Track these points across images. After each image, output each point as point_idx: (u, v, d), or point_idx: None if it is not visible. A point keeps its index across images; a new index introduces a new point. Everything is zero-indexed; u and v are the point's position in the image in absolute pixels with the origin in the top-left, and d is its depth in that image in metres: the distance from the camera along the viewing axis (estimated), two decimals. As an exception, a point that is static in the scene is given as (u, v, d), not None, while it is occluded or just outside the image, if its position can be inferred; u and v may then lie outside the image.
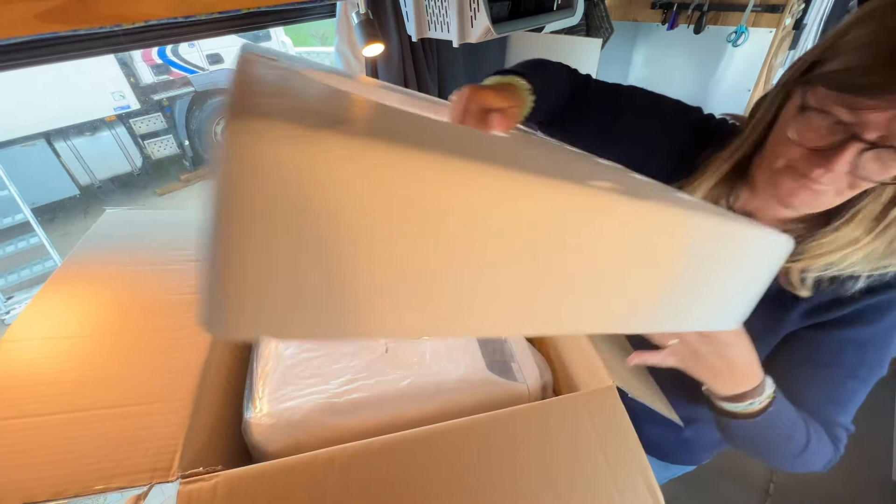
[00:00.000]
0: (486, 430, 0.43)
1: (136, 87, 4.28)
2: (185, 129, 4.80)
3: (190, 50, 4.53)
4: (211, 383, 0.49)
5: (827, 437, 0.51)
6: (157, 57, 4.38)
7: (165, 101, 4.59)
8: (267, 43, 4.99)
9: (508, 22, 0.84)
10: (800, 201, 0.44)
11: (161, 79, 4.47)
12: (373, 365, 0.52)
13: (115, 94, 4.14)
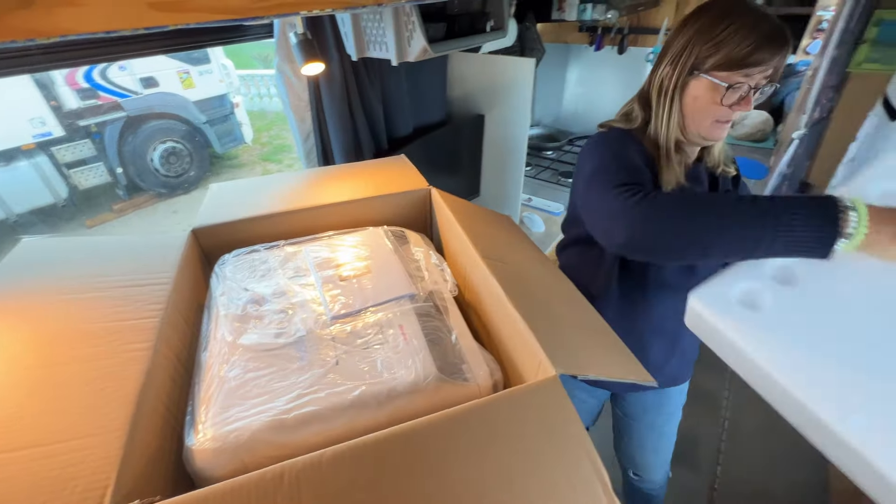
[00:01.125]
0: (435, 431, 0.44)
1: (59, 112, 3.98)
2: (118, 155, 4.50)
3: (120, 73, 4.29)
4: (148, 412, 0.47)
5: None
6: (83, 80, 4.10)
7: (94, 126, 4.29)
8: (207, 66, 4.84)
9: (444, 42, 0.88)
10: (723, 136, 0.73)
11: (88, 103, 4.19)
12: (323, 378, 0.52)
13: (34, 120, 3.82)
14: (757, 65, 0.64)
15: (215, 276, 0.68)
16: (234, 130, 5.32)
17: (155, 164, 4.74)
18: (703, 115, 0.71)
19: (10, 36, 0.31)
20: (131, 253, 0.67)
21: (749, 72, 0.65)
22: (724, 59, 0.65)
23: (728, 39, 0.64)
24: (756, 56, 0.64)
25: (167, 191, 4.90)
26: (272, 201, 0.83)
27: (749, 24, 0.64)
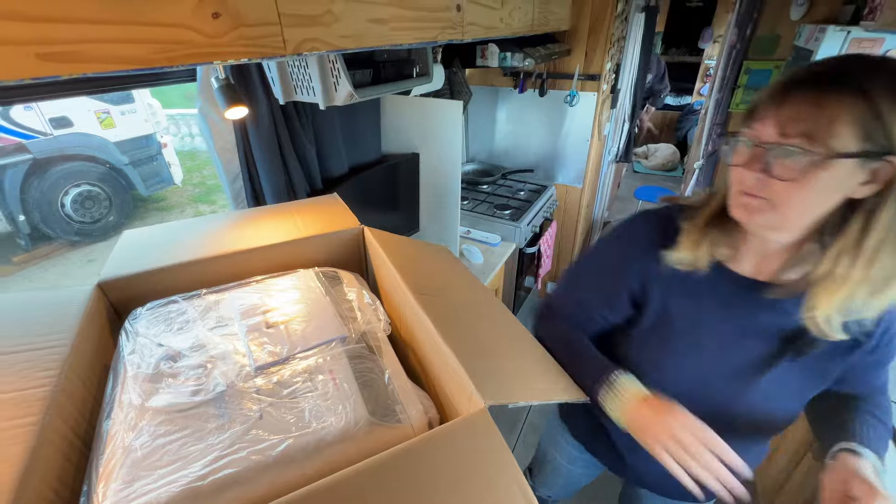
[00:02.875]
0: (364, 479, 0.42)
1: (-55, 156, 3.54)
2: (20, 202, 4.04)
3: (26, 113, 3.93)
4: (32, 499, 0.41)
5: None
6: (-21, 121, 3.70)
7: (-10, 171, 3.85)
8: (130, 105, 4.58)
9: (371, 87, 0.92)
10: (746, 213, 0.53)
11: (-17, 146, 3.77)
12: (244, 436, 0.48)
13: (-87, 165, 3.36)
14: (758, 114, 0.51)
15: (125, 333, 0.62)
16: (161, 171, 5.00)
17: (67, 209, 4.31)
18: (730, 182, 0.56)
19: None
20: (19, 314, 0.60)
21: (751, 123, 0.52)
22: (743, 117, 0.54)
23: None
24: (761, 107, 0.51)
25: (81, 238, 4.45)
26: (194, 247, 0.78)
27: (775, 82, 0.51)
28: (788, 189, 0.48)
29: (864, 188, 0.47)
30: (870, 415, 0.64)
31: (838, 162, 0.46)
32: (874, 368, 0.64)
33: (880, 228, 0.47)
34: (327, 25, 0.63)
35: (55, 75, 0.37)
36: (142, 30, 0.42)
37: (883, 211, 0.47)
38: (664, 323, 0.66)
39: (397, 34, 0.78)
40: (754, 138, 0.51)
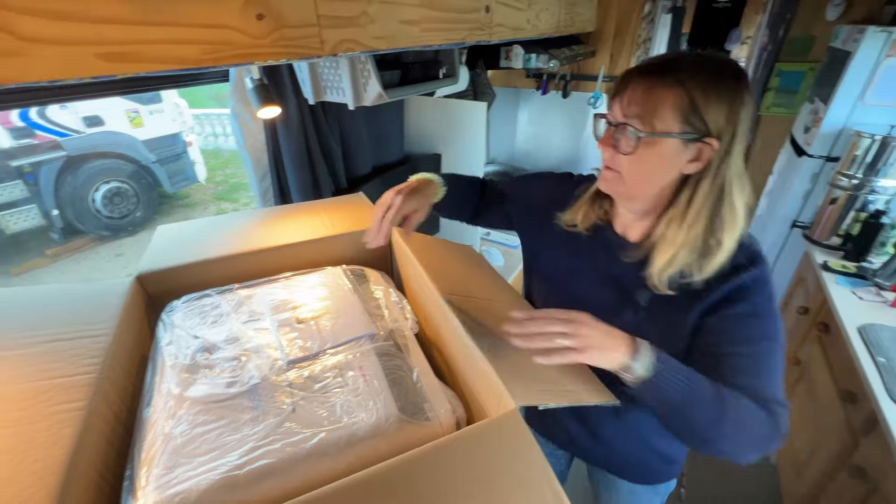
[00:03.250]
0: (399, 473, 0.43)
1: (-14, 152, 3.71)
2: (54, 197, 4.21)
3: (61, 112, 4.09)
4: (79, 481, 0.42)
5: (766, 414, 0.55)
6: (18, 119, 3.87)
7: (27, 167, 4.01)
8: (158, 105, 4.72)
9: (399, 88, 0.93)
10: (606, 185, 0.62)
11: (22, 143, 3.93)
12: (278, 428, 0.49)
13: (-43, 161, 3.53)
14: (613, 97, 0.59)
15: (162, 325, 0.64)
16: (186, 170, 5.14)
17: (97, 205, 4.47)
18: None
19: (-57, 86, 0.30)
20: (66, 303, 0.63)
21: (610, 104, 0.60)
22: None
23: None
24: (615, 88, 0.59)
25: (110, 233, 4.61)
26: (224, 243, 0.80)
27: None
28: (630, 162, 0.57)
29: (691, 165, 0.55)
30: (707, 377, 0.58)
31: (664, 140, 0.54)
32: (732, 356, 0.59)
33: (701, 199, 0.56)
34: (362, 27, 0.64)
35: (112, 74, 0.39)
36: (192, 31, 0.43)
37: (704, 186, 0.55)
38: (535, 264, 0.81)
39: (428, 35, 0.79)
40: (610, 118, 0.59)
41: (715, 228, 0.56)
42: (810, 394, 1.39)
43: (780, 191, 1.87)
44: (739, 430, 0.54)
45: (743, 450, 0.55)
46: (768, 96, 2.03)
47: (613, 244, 0.68)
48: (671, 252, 0.58)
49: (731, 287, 0.58)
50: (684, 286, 0.59)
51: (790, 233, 1.80)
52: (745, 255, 0.58)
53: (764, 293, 0.58)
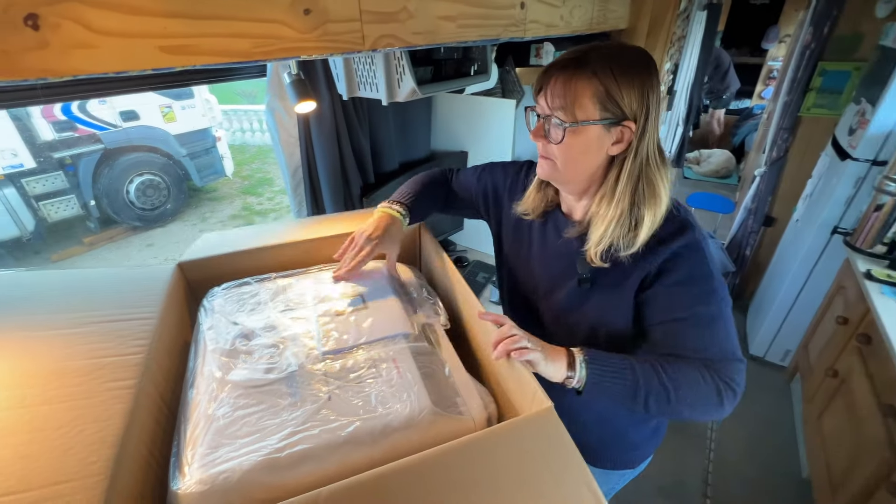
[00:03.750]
0: (434, 465, 0.43)
1: (32, 144, 3.89)
2: (91, 188, 4.40)
3: (100, 106, 4.27)
4: (130, 455, 0.44)
5: (710, 377, 0.59)
6: (61, 113, 4.05)
7: (68, 159, 4.20)
8: (190, 100, 4.87)
9: (432, 84, 0.93)
10: (542, 172, 0.66)
11: (64, 136, 4.12)
12: (315, 414, 0.51)
13: (6, 151, 3.73)
14: (537, 92, 0.64)
15: (203, 310, 0.66)
16: (215, 164, 5.29)
17: (131, 196, 4.65)
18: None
19: (25, 75, 0.32)
20: (113, 286, 0.66)
21: (536, 98, 0.64)
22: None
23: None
24: (538, 83, 0.63)
25: (142, 224, 4.79)
26: (264, 236, 0.83)
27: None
28: (560, 150, 0.62)
29: (615, 147, 0.60)
30: (647, 362, 0.60)
31: (587, 127, 0.59)
32: (674, 324, 0.62)
33: (626, 176, 0.60)
34: (402, 22, 0.65)
35: (171, 66, 0.40)
36: (246, 25, 0.45)
37: (627, 164, 0.60)
38: (500, 247, 0.86)
39: (464, 31, 0.79)
40: (539, 111, 0.64)
41: (638, 203, 0.61)
42: (848, 408, 1.34)
43: (820, 195, 1.79)
44: (693, 398, 0.58)
45: (701, 412, 0.59)
46: (810, 97, 1.95)
47: (560, 223, 0.72)
48: (603, 227, 0.62)
49: (661, 258, 0.61)
50: (617, 259, 0.62)
51: (830, 239, 1.72)
52: (673, 226, 0.61)
53: (695, 259, 0.61)
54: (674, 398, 0.57)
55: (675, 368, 0.58)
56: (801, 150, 2.10)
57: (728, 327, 0.61)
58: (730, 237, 2.48)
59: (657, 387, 0.57)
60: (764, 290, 2.28)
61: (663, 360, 0.59)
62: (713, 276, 0.61)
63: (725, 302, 0.61)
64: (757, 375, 2.09)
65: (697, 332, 0.60)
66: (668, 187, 0.62)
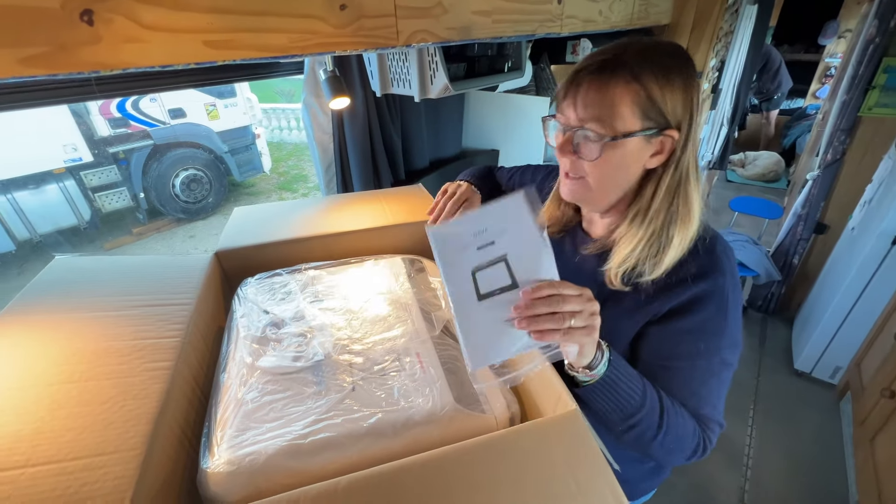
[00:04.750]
0: (455, 461, 0.43)
1: (90, 139, 4.18)
2: (142, 181, 4.68)
3: (151, 104, 4.53)
4: (165, 432, 0.47)
5: (697, 434, 0.55)
6: (116, 111, 4.33)
7: (122, 153, 4.49)
8: (233, 99, 5.08)
9: (465, 80, 0.93)
10: (568, 193, 0.59)
11: (118, 132, 4.40)
12: (339, 404, 0.51)
13: (68, 146, 4.02)
14: (561, 99, 0.56)
15: (237, 298, 0.69)
16: (254, 160, 5.51)
17: (176, 189, 4.91)
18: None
19: (80, 68, 0.34)
20: (156, 273, 0.69)
21: (559, 108, 0.56)
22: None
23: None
24: (563, 89, 0.55)
25: (185, 216, 5.04)
26: (293, 226, 0.85)
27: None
28: (595, 167, 0.54)
29: (654, 159, 0.54)
30: (658, 395, 0.54)
31: (626, 140, 0.51)
32: (670, 370, 0.56)
33: (663, 191, 0.54)
34: (436, 17, 0.64)
35: (213, 61, 0.42)
36: (284, 21, 0.46)
37: (667, 177, 0.54)
38: None
39: (499, 26, 0.78)
40: (565, 123, 0.55)
41: (670, 222, 0.54)
42: (905, 432, 1.23)
43: (881, 202, 1.66)
44: (673, 440, 0.53)
45: (672, 458, 0.55)
46: (872, 95, 1.81)
47: (578, 239, 0.67)
48: (630, 248, 0.55)
49: (680, 299, 0.54)
50: (637, 284, 0.56)
51: (890, 249, 1.59)
52: (704, 262, 0.55)
53: (715, 307, 0.54)
54: (658, 441, 0.53)
55: (676, 413, 0.54)
56: (860, 153, 1.95)
57: (722, 389, 0.57)
58: (776, 244, 2.34)
59: (652, 423, 0.52)
60: (813, 301, 2.14)
61: (666, 397, 0.54)
62: (728, 331, 0.55)
63: (728, 365, 0.56)
64: (802, 392, 1.97)
65: (693, 387, 0.56)
66: (701, 204, 0.56)
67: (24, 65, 0.31)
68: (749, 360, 2.15)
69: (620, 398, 0.52)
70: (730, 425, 1.78)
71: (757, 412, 1.88)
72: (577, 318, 0.44)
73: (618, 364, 0.52)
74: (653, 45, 0.52)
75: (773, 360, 2.15)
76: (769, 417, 1.86)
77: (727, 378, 0.57)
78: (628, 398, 0.52)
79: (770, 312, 2.41)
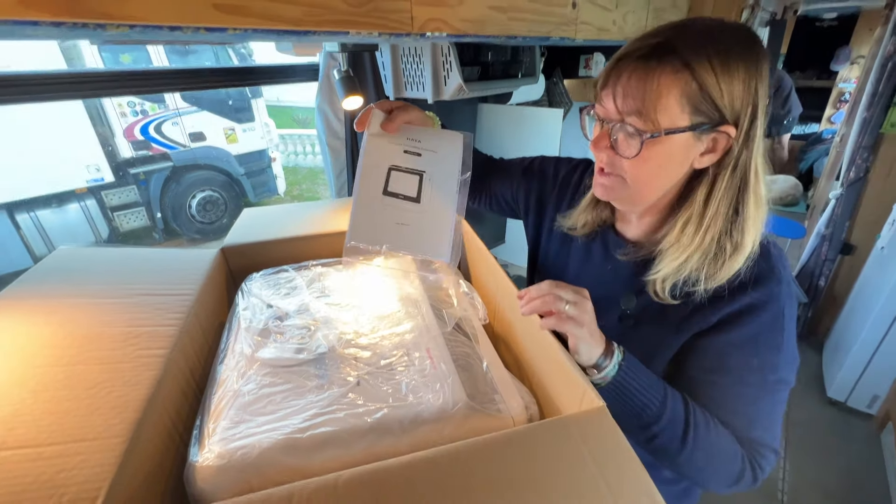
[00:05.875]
0: (469, 458, 0.38)
1: (113, 160, 4.33)
2: (160, 201, 4.79)
3: (173, 128, 4.69)
4: (153, 421, 0.43)
5: (742, 458, 0.49)
6: (140, 134, 4.49)
7: (142, 174, 4.62)
8: (251, 123, 5.24)
9: (478, 82, 0.92)
10: (602, 191, 0.54)
11: (140, 154, 4.55)
12: (342, 398, 0.47)
13: (91, 167, 4.15)
14: (601, 88, 0.50)
15: (241, 293, 0.66)
16: (269, 182, 5.63)
17: (192, 210, 5.01)
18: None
19: (85, 16, 0.33)
20: (160, 265, 0.67)
21: (598, 97, 0.51)
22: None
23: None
24: (602, 79, 0.50)
25: (200, 237, 5.12)
26: (302, 225, 0.83)
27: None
28: (634, 165, 0.49)
29: (705, 158, 0.48)
30: (682, 403, 0.49)
31: (672, 137, 0.46)
32: (714, 385, 0.51)
33: (720, 196, 0.48)
34: (452, 7, 0.64)
35: (222, 26, 0.41)
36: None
37: (723, 179, 0.48)
38: (539, 253, 0.76)
39: (514, 24, 0.78)
40: (603, 115, 0.50)
41: (732, 228, 0.48)
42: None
43: (910, 218, 1.59)
44: (703, 458, 0.48)
45: (708, 479, 0.50)
46: (893, 112, 1.77)
47: (610, 243, 0.61)
48: (682, 258, 0.49)
49: (732, 308, 0.49)
50: (685, 296, 0.51)
51: (924, 268, 1.51)
52: (760, 268, 0.49)
53: (770, 318, 0.49)
54: (684, 456, 0.48)
55: (710, 430, 0.48)
56: (885, 171, 1.90)
57: (777, 411, 0.51)
58: (800, 265, 2.26)
59: (674, 436, 0.48)
60: (843, 325, 2.03)
61: (699, 415, 0.49)
62: (782, 347, 0.50)
63: (785, 384, 0.50)
64: (838, 423, 1.83)
65: (737, 406, 0.50)
66: (766, 209, 0.50)
67: (26, 5, 0.30)
68: (777, 386, 2.02)
69: (635, 405, 0.47)
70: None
71: (790, 443, 1.76)
72: (570, 306, 0.46)
73: (632, 368, 0.48)
74: (716, 25, 0.46)
75: (804, 388, 2.02)
76: (803, 449, 1.73)
77: (783, 398, 0.51)
78: (644, 406, 0.47)
79: (798, 337, 2.29)
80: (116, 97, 4.12)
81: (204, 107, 4.81)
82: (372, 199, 0.53)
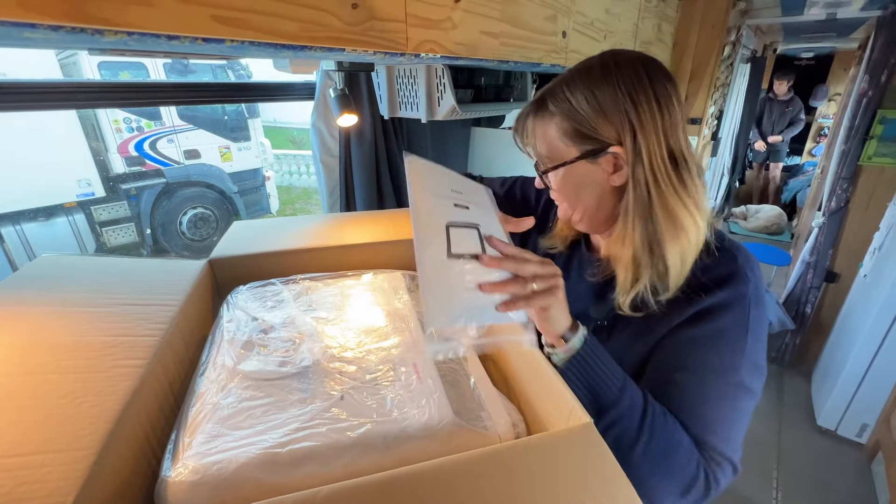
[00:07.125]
0: (453, 475, 0.37)
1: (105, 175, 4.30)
2: (150, 217, 4.75)
3: (168, 145, 4.70)
4: (126, 434, 0.41)
5: (698, 461, 0.48)
6: (134, 150, 4.50)
7: (133, 190, 4.60)
8: (247, 143, 5.28)
9: (471, 105, 0.94)
10: (562, 213, 0.61)
11: (133, 169, 4.54)
12: (324, 413, 0.46)
13: (82, 181, 4.13)
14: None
15: (226, 305, 0.65)
16: (262, 201, 5.63)
17: (183, 227, 4.97)
18: None
19: (84, 21, 0.33)
20: (144, 274, 0.66)
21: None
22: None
23: None
24: (516, 123, 0.61)
25: (190, 254, 5.05)
26: (291, 238, 0.83)
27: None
28: (558, 194, 0.57)
29: (615, 177, 0.52)
30: (643, 396, 0.49)
31: (570, 166, 0.53)
32: (671, 385, 0.51)
33: (629, 210, 0.51)
34: (446, 31, 0.66)
35: (221, 37, 0.42)
36: (296, 8, 0.46)
37: (629, 195, 0.51)
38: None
39: (506, 50, 0.80)
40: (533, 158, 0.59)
41: (650, 241, 0.50)
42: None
43: (892, 249, 1.64)
44: (659, 453, 0.47)
45: (659, 482, 0.47)
46: (870, 145, 1.85)
47: (585, 261, 0.65)
48: (623, 272, 0.53)
49: (696, 308, 0.51)
50: (649, 307, 0.52)
51: (906, 296, 1.54)
52: (722, 270, 0.51)
53: (733, 317, 0.50)
54: (640, 448, 0.47)
55: (666, 423, 0.48)
56: (864, 201, 1.96)
57: (737, 420, 0.50)
58: (786, 292, 2.29)
59: (632, 423, 0.47)
60: (830, 352, 2.04)
61: (657, 407, 0.49)
62: (745, 350, 0.49)
63: (746, 391, 0.49)
64: (828, 453, 1.82)
65: (693, 406, 0.49)
66: (697, 211, 0.50)
67: (25, 7, 0.30)
68: (768, 414, 2.01)
69: (595, 382, 0.48)
70: (754, 488, 1.64)
71: (781, 473, 1.73)
72: (539, 281, 0.46)
73: (596, 347, 0.49)
74: (592, 63, 0.52)
75: (794, 416, 2.01)
76: (795, 479, 1.71)
77: (746, 408, 0.50)
78: (604, 385, 0.48)
79: (786, 364, 2.30)
80: (112, 109, 4.14)
81: (200, 125, 4.85)
82: (440, 266, 0.42)
